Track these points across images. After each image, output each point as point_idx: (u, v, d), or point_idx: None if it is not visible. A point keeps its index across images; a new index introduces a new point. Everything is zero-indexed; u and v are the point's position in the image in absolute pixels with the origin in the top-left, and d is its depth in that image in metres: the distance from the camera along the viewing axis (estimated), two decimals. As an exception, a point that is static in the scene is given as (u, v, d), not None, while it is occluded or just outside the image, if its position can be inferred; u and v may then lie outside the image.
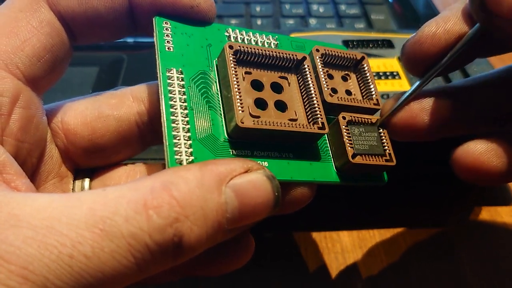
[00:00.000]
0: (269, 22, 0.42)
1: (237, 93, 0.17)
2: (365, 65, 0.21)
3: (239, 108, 0.16)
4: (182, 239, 0.13)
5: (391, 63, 0.30)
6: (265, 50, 0.18)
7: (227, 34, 0.19)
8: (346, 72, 0.21)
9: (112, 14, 0.18)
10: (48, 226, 0.12)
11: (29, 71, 0.16)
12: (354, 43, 0.31)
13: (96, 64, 0.35)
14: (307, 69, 0.19)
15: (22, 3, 0.17)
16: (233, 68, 0.17)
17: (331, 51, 0.20)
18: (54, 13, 0.17)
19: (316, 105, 0.18)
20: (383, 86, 0.28)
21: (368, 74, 0.20)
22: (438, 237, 0.27)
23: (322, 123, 0.18)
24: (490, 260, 0.27)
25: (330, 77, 0.20)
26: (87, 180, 0.20)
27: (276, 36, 0.20)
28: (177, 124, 0.16)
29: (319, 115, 0.18)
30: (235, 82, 0.17)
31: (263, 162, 0.17)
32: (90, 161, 0.20)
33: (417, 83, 0.18)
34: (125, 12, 0.18)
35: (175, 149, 0.16)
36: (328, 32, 0.33)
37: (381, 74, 0.29)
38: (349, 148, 0.18)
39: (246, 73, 0.18)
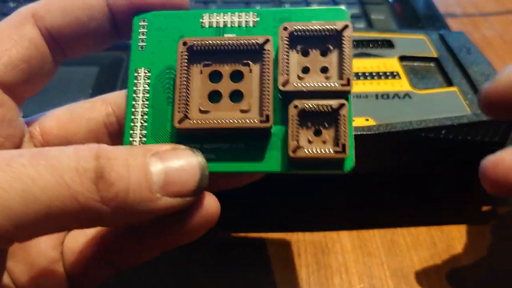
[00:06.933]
0: (269, 22, 0.42)
1: (180, 92, 0.17)
2: (345, 37, 0.18)
3: (178, 108, 0.17)
4: (103, 171, 0.15)
5: (391, 63, 0.30)
6: (222, 40, 0.18)
7: (202, 21, 0.19)
8: (328, 45, 0.18)
9: (94, 22, 0.20)
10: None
11: (2, 76, 0.19)
12: (354, 43, 0.31)
13: (96, 64, 0.35)
14: (266, 54, 0.17)
15: (13, 21, 0.19)
16: (182, 66, 0.18)
17: (306, 25, 0.18)
18: (41, 29, 0.19)
19: (266, 94, 0.17)
20: (383, 86, 0.28)
21: (346, 48, 0.17)
22: (438, 237, 0.28)
23: (267, 115, 0.17)
24: (490, 260, 0.27)
25: (305, 53, 0.18)
26: None
27: (256, 13, 0.19)
28: (135, 123, 0.18)
29: (266, 106, 0.17)
30: (179, 81, 0.18)
31: (211, 155, 0.18)
32: None
33: None
34: (106, 19, 0.20)
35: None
36: (328, 32, 0.33)
37: (381, 74, 0.29)
38: (292, 141, 0.17)
39: (205, 65, 0.18)
